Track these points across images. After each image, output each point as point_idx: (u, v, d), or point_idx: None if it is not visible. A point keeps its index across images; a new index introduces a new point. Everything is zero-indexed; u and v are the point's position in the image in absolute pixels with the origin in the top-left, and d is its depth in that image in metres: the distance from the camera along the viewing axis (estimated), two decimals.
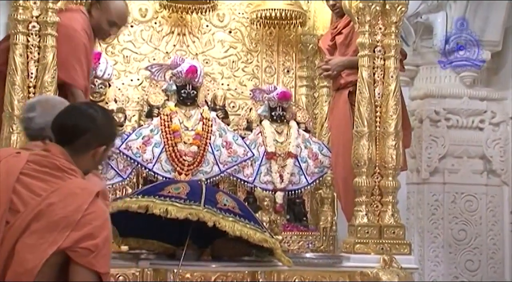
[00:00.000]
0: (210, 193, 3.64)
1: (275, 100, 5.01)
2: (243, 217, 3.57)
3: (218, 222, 3.47)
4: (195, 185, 3.68)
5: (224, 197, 3.64)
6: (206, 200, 3.54)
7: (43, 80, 3.92)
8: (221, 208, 3.54)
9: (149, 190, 3.68)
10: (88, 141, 2.46)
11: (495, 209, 5.68)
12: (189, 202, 3.51)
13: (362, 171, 4.31)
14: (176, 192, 3.57)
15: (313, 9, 5.32)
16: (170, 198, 3.54)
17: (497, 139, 5.71)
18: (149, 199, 3.54)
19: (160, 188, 3.64)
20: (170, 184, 3.71)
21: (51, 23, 3.97)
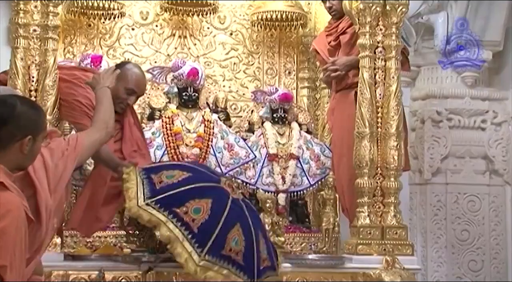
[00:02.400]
0: (226, 227, 3.51)
1: (277, 102, 5.01)
2: (241, 268, 3.50)
3: (210, 277, 3.44)
4: (218, 210, 3.51)
5: (237, 235, 3.51)
6: (213, 244, 3.45)
7: (44, 84, 3.93)
8: (223, 255, 3.47)
9: (169, 200, 3.50)
10: (10, 131, 2.40)
11: (497, 209, 5.67)
12: (194, 244, 3.43)
13: (364, 172, 4.30)
14: (193, 216, 3.46)
15: (314, 11, 5.33)
16: (182, 224, 3.44)
17: (499, 139, 5.71)
18: (162, 216, 3.43)
19: (182, 200, 3.49)
20: (195, 198, 3.52)
21: (52, 27, 3.99)
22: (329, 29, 4.87)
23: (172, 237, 3.44)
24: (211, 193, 3.59)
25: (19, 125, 2.43)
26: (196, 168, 3.84)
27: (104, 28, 5.13)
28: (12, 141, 2.43)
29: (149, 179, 3.60)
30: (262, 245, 3.67)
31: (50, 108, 3.94)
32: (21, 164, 2.50)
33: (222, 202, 3.58)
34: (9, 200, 2.32)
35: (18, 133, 2.43)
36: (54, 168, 2.68)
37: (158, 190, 3.55)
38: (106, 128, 3.11)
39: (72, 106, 3.92)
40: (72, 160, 2.80)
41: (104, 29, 5.13)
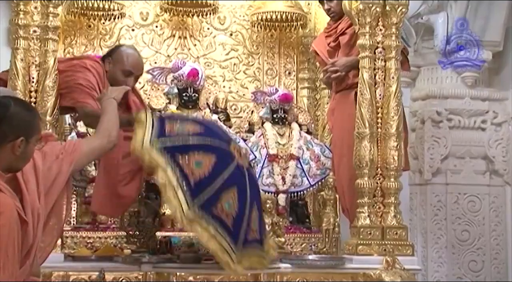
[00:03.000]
0: (223, 188, 3.45)
1: (277, 103, 5.02)
2: (228, 231, 3.42)
3: (196, 231, 3.38)
4: (219, 169, 3.46)
5: (231, 200, 3.48)
6: (206, 200, 3.40)
7: (44, 85, 3.93)
8: (213, 214, 3.40)
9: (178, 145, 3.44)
10: (3, 132, 2.40)
11: (498, 209, 5.67)
12: (187, 194, 3.36)
13: (364, 172, 4.30)
14: (193, 169, 3.40)
15: (314, 11, 5.33)
16: (181, 172, 3.37)
17: (499, 139, 5.71)
18: (163, 160, 3.35)
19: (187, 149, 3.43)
20: (199, 151, 3.45)
21: (52, 28, 3.99)
22: (328, 30, 4.87)
23: (168, 182, 3.36)
24: (216, 152, 3.53)
25: (12, 126, 2.42)
26: (209, 126, 3.78)
27: (104, 29, 5.13)
28: (4, 141, 2.42)
29: (161, 124, 3.53)
30: (255, 217, 3.61)
31: (50, 109, 3.94)
32: (13, 165, 2.49)
33: (225, 163, 3.52)
34: (1, 201, 2.32)
35: (10, 134, 2.43)
36: (46, 170, 2.67)
37: (167, 134, 3.50)
38: (109, 137, 3.06)
39: (74, 89, 3.91)
40: (67, 163, 2.77)
41: (104, 30, 5.13)
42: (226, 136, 3.79)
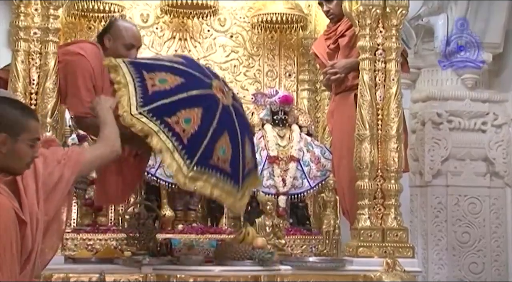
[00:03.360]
0: (214, 137, 3.58)
1: (277, 104, 5.02)
2: (228, 175, 3.63)
3: (200, 186, 3.56)
4: (207, 120, 3.58)
5: (224, 144, 3.62)
6: (201, 155, 3.53)
7: (44, 87, 3.93)
8: (211, 164, 3.57)
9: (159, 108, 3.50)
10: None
11: (498, 211, 5.66)
12: (183, 155, 3.49)
13: (364, 174, 4.30)
14: (183, 127, 3.50)
15: (314, 13, 5.33)
16: (173, 134, 3.48)
17: (500, 141, 5.70)
18: (154, 126, 3.44)
19: (174, 109, 3.52)
20: (185, 108, 3.55)
21: (53, 30, 3.98)
22: (327, 32, 4.87)
23: (164, 147, 3.47)
24: (201, 103, 3.63)
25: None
26: (188, 70, 3.78)
27: None
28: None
29: (141, 80, 3.57)
30: (248, 147, 3.81)
31: (50, 111, 3.93)
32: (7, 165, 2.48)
33: (212, 111, 3.64)
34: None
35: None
36: (47, 175, 2.65)
37: (151, 97, 3.54)
38: (113, 146, 3.04)
39: (72, 94, 3.90)
40: (69, 169, 2.74)
41: None
42: (206, 76, 3.80)
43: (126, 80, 3.56)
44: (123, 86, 3.54)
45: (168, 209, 4.76)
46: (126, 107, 3.47)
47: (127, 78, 3.56)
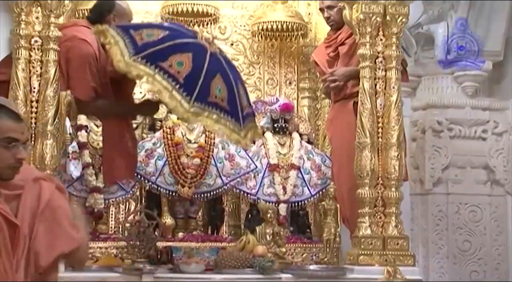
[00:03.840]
0: (208, 77, 3.76)
1: (278, 112, 5.02)
2: (228, 112, 3.78)
3: (201, 121, 3.75)
4: (198, 62, 3.76)
5: (219, 84, 3.78)
6: (199, 92, 3.69)
7: (45, 95, 3.93)
8: (210, 101, 3.73)
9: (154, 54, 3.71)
10: None
11: (499, 219, 5.65)
12: (182, 93, 3.67)
13: (365, 182, 4.30)
14: (177, 69, 3.70)
15: (314, 21, 5.35)
16: (168, 76, 3.67)
17: (500, 149, 5.70)
18: (150, 70, 3.65)
19: (165, 55, 3.72)
20: (176, 53, 3.75)
21: (54, 38, 3.99)
22: (328, 40, 4.88)
23: (161, 88, 3.65)
24: (190, 48, 3.82)
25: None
26: (172, 27, 4.11)
27: None
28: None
29: (130, 37, 3.77)
30: (242, 92, 3.95)
31: (51, 119, 3.94)
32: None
33: (202, 55, 3.80)
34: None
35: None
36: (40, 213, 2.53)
37: (141, 47, 3.73)
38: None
39: (73, 80, 4.04)
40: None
41: None
42: (190, 32, 4.04)
43: (115, 39, 3.76)
44: (114, 44, 3.74)
45: (168, 217, 4.76)
46: (120, 57, 3.68)
47: (116, 38, 3.76)
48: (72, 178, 4.57)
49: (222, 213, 4.92)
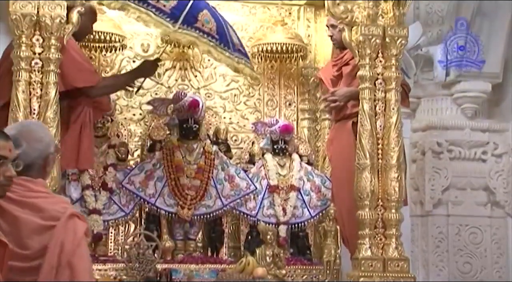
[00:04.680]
0: (195, 8, 4.06)
1: (277, 134, 5.02)
2: (216, 39, 4.05)
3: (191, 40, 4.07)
4: (215, 16, 4.14)
5: (206, 17, 4.04)
6: (186, 17, 3.94)
7: (45, 116, 3.93)
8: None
9: (187, 16, 4.07)
10: None
11: (500, 241, 5.64)
12: (166, 18, 3.97)
13: (365, 204, 4.29)
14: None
15: (314, 43, 5.37)
16: (153, 7, 3.98)
17: (500, 171, 5.70)
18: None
19: (194, 15, 4.06)
20: (198, 12, 4.08)
21: (54, 60, 3.99)
22: (335, 59, 4.91)
23: (144, 16, 4.01)
24: (202, 5, 4.22)
25: None
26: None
27: (105, 61, 5.15)
28: None
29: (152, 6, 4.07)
30: (232, 33, 4.30)
31: None
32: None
33: (212, 10, 4.11)
34: None
35: None
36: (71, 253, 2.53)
37: (171, 14, 4.06)
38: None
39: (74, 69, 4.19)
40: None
41: (105, 61, 5.15)
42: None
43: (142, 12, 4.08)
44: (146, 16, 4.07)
45: (168, 239, 4.74)
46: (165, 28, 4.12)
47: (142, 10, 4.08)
48: (71, 199, 4.57)
49: (222, 235, 4.90)
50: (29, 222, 2.50)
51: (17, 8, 3.96)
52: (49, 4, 3.99)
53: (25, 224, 2.49)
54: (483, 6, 5.64)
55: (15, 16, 3.96)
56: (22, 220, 2.50)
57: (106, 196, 4.67)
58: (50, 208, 2.53)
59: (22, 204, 2.53)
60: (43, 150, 2.63)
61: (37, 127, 2.71)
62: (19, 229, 2.49)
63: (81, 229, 2.54)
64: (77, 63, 4.20)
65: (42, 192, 2.60)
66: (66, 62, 4.07)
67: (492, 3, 5.64)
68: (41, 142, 2.62)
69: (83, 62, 4.32)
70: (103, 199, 4.67)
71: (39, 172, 2.62)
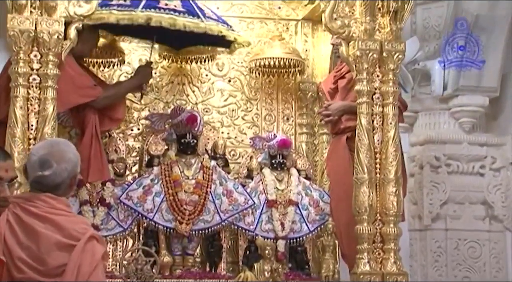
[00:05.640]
0: (195, 3, 4.40)
1: (275, 148, 5.02)
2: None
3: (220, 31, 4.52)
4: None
5: (204, 6, 4.48)
6: (201, 12, 4.32)
7: (43, 132, 3.93)
8: (160, 7, 4.28)
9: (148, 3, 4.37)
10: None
11: (498, 255, 5.63)
12: (190, 16, 4.31)
13: (363, 218, 4.28)
14: (173, 4, 4.31)
15: (312, 57, 5.38)
16: (169, 10, 4.34)
17: (498, 185, 5.70)
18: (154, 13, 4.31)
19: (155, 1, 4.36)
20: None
21: (52, 76, 4.00)
22: (335, 71, 4.92)
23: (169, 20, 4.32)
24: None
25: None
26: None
27: (103, 76, 5.15)
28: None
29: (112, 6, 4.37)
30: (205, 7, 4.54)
31: None
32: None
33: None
34: None
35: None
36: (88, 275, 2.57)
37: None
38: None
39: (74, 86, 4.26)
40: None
41: (103, 77, 5.15)
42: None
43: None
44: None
45: (166, 254, 4.73)
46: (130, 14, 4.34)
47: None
48: None
49: (220, 250, 4.89)
50: (49, 237, 2.52)
51: (15, 24, 3.97)
52: (47, 21, 4.00)
53: (45, 239, 2.52)
54: (480, 21, 5.66)
55: (13, 32, 3.97)
56: (42, 235, 2.52)
57: (104, 212, 4.66)
58: (70, 227, 2.56)
59: (44, 219, 2.56)
60: (71, 170, 2.68)
61: (66, 148, 2.74)
62: (38, 244, 2.51)
63: (99, 252, 2.56)
64: (76, 81, 4.24)
65: (64, 210, 2.63)
66: (64, 80, 4.08)
67: (489, 18, 5.67)
68: (70, 162, 2.67)
69: (82, 77, 4.36)
70: (101, 214, 4.66)
71: (65, 191, 2.68)
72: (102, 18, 4.33)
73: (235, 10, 5.38)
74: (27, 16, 4.00)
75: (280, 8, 5.42)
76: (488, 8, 5.66)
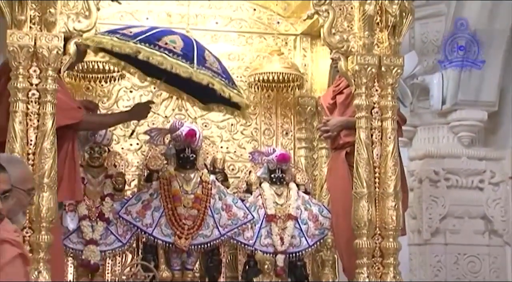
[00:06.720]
0: (200, 50, 4.23)
1: (274, 163, 5.02)
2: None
3: (211, 83, 4.14)
4: (187, 40, 4.27)
5: (174, 39, 4.22)
6: (145, 38, 4.10)
7: (42, 147, 3.93)
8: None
9: (147, 38, 4.17)
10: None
11: (498, 270, 5.61)
12: (183, 59, 4.10)
13: (363, 233, 4.28)
14: (172, 45, 4.14)
15: (310, 72, 5.39)
16: (165, 49, 4.10)
17: (498, 199, 5.70)
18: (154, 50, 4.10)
19: (157, 38, 4.17)
20: (167, 35, 4.23)
21: (51, 91, 4.00)
22: (334, 86, 4.94)
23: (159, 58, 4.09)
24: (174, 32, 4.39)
25: None
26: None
27: (103, 91, 5.16)
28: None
29: (119, 33, 4.23)
30: (211, 57, 4.34)
31: (47, 171, 3.93)
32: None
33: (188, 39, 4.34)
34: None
35: None
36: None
37: (134, 35, 4.19)
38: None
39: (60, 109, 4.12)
40: None
41: (103, 92, 5.16)
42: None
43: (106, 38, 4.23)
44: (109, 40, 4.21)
45: (165, 269, 4.72)
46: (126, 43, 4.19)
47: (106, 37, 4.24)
48: (68, 230, 4.55)
49: (219, 264, 4.88)
50: None
51: (14, 40, 3.98)
52: (46, 36, 4.02)
53: None
54: (478, 36, 5.68)
55: (12, 47, 3.98)
56: None
57: (103, 226, 4.65)
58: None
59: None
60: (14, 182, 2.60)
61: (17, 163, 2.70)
62: None
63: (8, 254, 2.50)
64: (61, 102, 4.11)
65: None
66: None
67: (488, 33, 5.69)
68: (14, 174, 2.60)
69: (67, 99, 4.25)
70: (100, 229, 4.64)
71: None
72: (100, 42, 4.25)
73: (234, 25, 5.40)
74: (27, 32, 4.01)
75: (279, 23, 5.44)
76: (486, 22, 5.68)
